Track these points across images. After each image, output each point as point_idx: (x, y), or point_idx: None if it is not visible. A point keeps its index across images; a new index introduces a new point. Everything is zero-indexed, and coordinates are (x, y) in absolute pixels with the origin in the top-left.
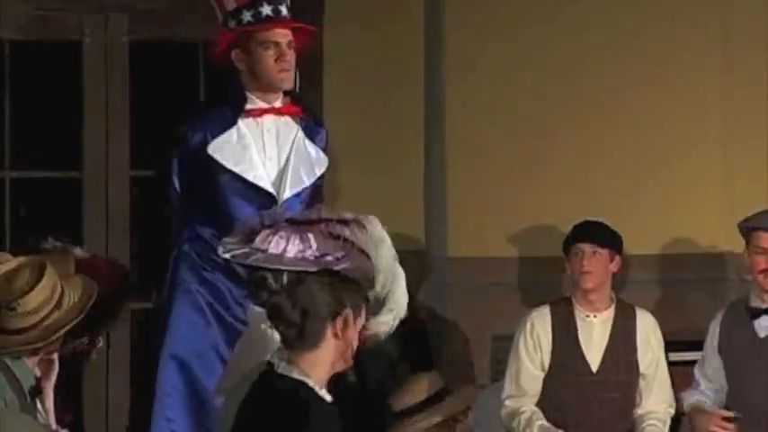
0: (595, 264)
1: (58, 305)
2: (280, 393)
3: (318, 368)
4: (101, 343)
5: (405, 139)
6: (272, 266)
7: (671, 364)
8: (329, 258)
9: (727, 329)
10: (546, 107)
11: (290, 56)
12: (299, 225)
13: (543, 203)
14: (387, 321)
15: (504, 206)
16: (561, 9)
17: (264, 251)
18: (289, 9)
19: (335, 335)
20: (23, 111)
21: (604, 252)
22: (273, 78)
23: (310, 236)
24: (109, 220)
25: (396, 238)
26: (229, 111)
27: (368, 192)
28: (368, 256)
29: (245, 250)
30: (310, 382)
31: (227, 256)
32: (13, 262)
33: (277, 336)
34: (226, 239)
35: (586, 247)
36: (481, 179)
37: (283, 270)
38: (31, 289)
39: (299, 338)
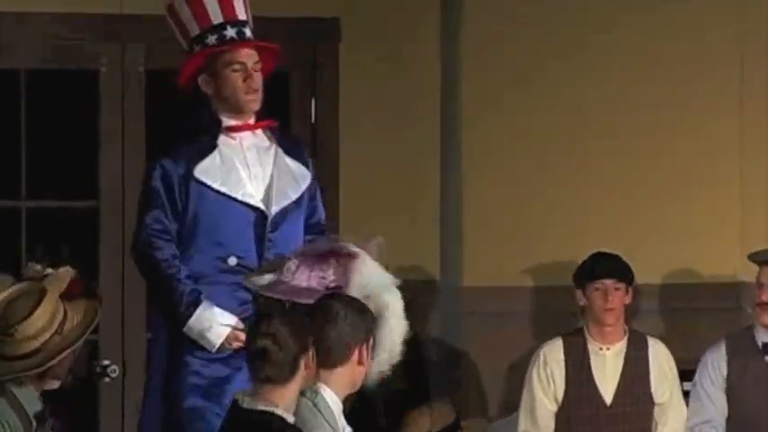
0: (618, 299)
1: (60, 330)
2: (248, 427)
3: (286, 398)
4: (116, 373)
5: (421, 169)
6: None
7: (684, 393)
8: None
9: (737, 364)
10: (560, 139)
11: (257, 77)
12: (309, 257)
13: (558, 233)
14: (380, 363)
15: (519, 236)
16: (577, 48)
17: (286, 282)
18: (253, 32)
19: (307, 365)
20: (40, 140)
21: (622, 286)
22: (241, 100)
23: (324, 268)
24: (125, 250)
25: (411, 268)
26: (206, 136)
27: (384, 221)
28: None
29: (270, 279)
30: (278, 411)
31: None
32: (12, 288)
33: None
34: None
35: (609, 283)
36: (496, 209)
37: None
38: (30, 314)
39: (277, 371)
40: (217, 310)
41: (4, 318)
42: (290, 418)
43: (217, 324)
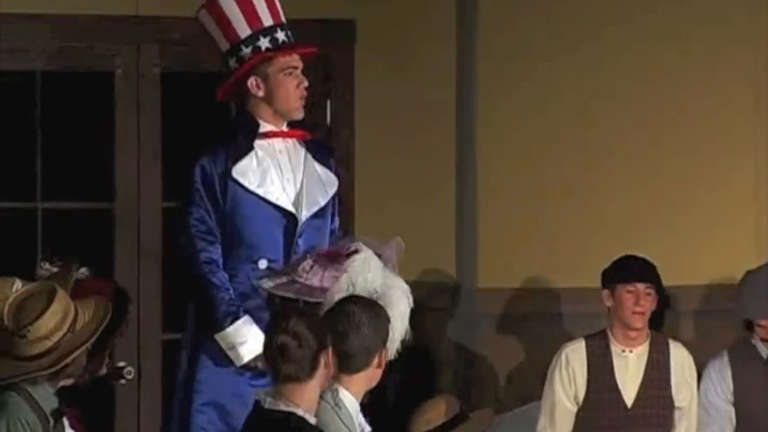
0: (648, 304)
1: (72, 328)
2: (270, 427)
3: (308, 398)
4: (131, 374)
5: (436, 170)
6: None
7: None
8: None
9: (742, 376)
10: (576, 140)
11: (306, 82)
12: (324, 257)
13: (574, 236)
14: None
15: (535, 238)
16: (592, 44)
17: (300, 282)
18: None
19: (326, 363)
20: (55, 141)
21: (652, 291)
22: (293, 105)
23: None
24: (140, 252)
25: (427, 270)
26: (244, 138)
27: (400, 223)
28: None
29: (284, 280)
30: (299, 411)
31: (266, 285)
32: (23, 288)
33: None
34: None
35: (642, 287)
36: (512, 210)
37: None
38: (41, 315)
39: (297, 368)
40: (255, 327)
41: (15, 319)
42: (312, 420)
43: (254, 341)
